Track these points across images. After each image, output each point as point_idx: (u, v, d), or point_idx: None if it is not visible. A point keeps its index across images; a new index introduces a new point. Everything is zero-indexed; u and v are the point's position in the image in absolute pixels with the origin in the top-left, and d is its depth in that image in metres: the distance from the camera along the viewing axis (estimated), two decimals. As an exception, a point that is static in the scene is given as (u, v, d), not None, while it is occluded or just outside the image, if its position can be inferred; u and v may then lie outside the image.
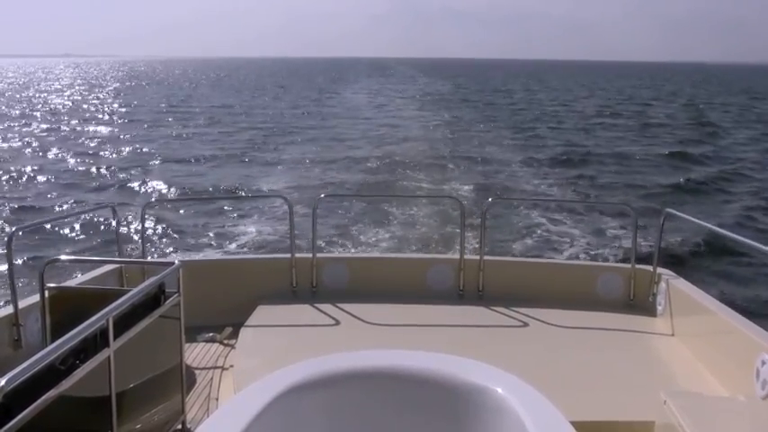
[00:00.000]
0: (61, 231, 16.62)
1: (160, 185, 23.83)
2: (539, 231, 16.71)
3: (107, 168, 27.47)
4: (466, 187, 22.52)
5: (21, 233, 14.60)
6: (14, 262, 5.03)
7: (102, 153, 31.99)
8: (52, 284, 4.17)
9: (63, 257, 7.90)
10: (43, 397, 2.71)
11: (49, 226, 16.68)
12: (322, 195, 12.21)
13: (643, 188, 23.52)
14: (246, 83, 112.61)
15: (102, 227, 16.34)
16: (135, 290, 3.63)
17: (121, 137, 38.50)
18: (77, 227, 16.83)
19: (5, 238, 4.91)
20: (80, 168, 27.70)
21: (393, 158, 28.73)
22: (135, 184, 24.11)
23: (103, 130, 42.16)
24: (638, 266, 6.41)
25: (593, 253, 15.00)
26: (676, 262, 13.88)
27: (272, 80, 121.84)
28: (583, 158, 30.32)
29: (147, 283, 3.82)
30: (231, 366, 5.29)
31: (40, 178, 25.21)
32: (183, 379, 4.32)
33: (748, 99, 79.76)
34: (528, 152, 31.34)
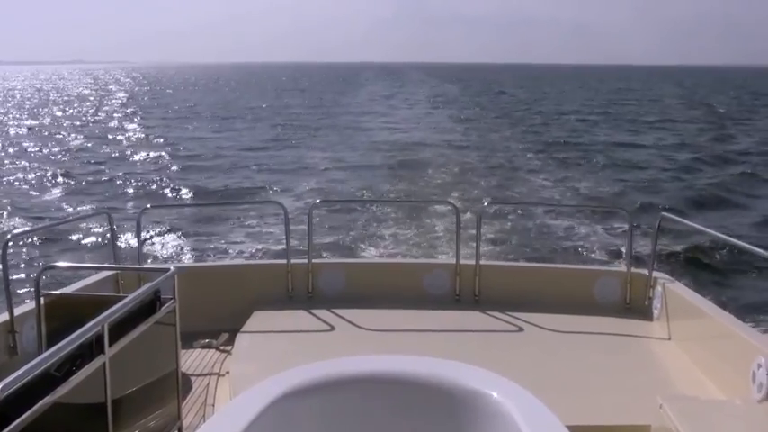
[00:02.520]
0: (57, 238, 16.58)
1: (161, 190, 23.99)
2: (534, 235, 16.73)
3: (103, 174, 27.50)
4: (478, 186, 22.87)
5: (16, 240, 14.66)
6: (10, 269, 5.02)
7: (97, 159, 32.03)
8: (48, 291, 4.17)
9: (58, 264, 7.89)
10: (39, 404, 2.71)
11: (44, 233, 16.64)
12: (317, 201, 12.20)
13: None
14: (266, 87, 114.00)
15: (98, 233, 16.31)
16: (130, 296, 3.63)
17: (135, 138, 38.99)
18: (73, 233, 16.80)
19: (0, 245, 4.90)
20: (78, 174, 27.73)
21: (409, 161, 29.20)
22: (131, 190, 24.17)
23: (106, 135, 42.28)
24: (634, 270, 6.41)
25: (589, 257, 15.01)
26: (672, 265, 13.93)
27: (286, 85, 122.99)
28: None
29: (142, 289, 3.82)
30: (227, 372, 5.29)
31: (37, 184, 25.22)
32: (179, 385, 4.31)
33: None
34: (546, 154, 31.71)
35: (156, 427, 4.03)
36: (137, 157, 32.15)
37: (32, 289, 4.11)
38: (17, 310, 4.85)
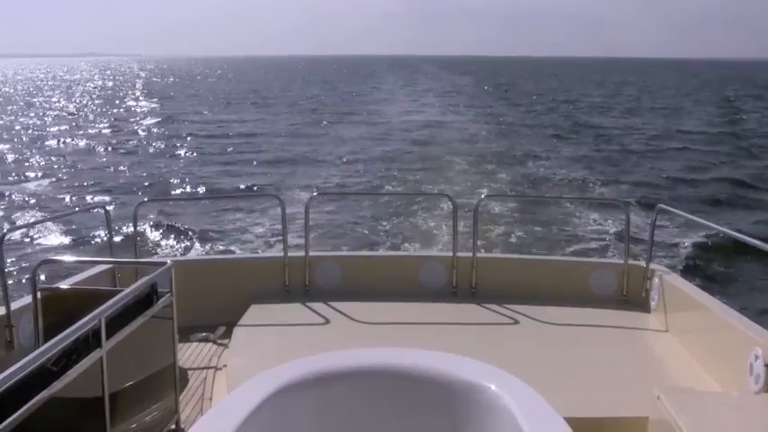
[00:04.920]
0: (53, 232, 16.54)
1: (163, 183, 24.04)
2: (531, 228, 16.72)
3: (101, 167, 27.46)
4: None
5: (12, 234, 14.64)
6: (6, 263, 5.01)
7: (93, 153, 31.97)
8: (45, 285, 4.16)
9: (55, 258, 7.88)
10: (36, 398, 2.70)
11: (40, 227, 16.60)
12: (315, 193, 12.19)
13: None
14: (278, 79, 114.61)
15: (95, 227, 16.26)
16: (127, 290, 3.62)
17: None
18: (69, 227, 16.76)
19: None
20: (74, 168, 27.66)
21: (421, 151, 29.64)
22: (129, 183, 24.15)
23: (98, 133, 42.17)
24: (631, 262, 6.41)
25: (586, 249, 15.01)
26: (669, 257, 13.95)
27: (301, 77, 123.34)
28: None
29: (139, 283, 3.81)
30: (224, 366, 5.29)
31: (33, 178, 25.15)
32: (177, 379, 4.31)
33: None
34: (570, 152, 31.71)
35: (154, 421, 4.03)
36: (135, 152, 32.22)
37: (29, 283, 4.10)
38: (14, 305, 4.84)
